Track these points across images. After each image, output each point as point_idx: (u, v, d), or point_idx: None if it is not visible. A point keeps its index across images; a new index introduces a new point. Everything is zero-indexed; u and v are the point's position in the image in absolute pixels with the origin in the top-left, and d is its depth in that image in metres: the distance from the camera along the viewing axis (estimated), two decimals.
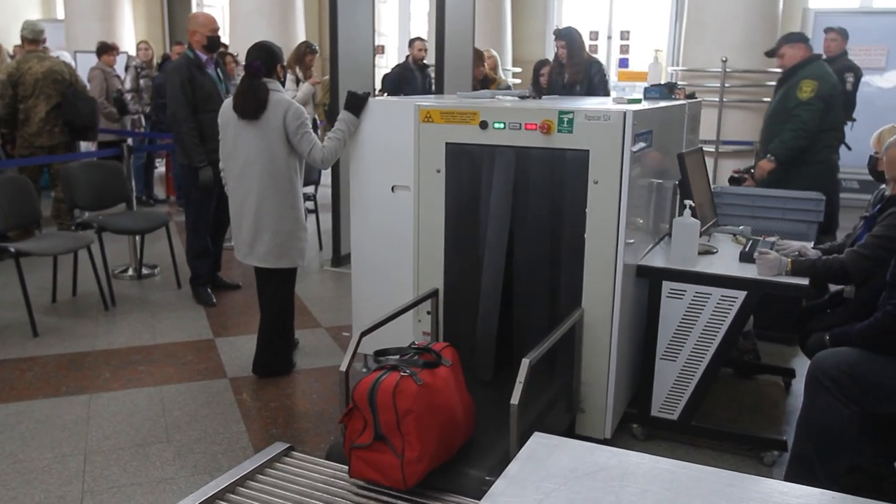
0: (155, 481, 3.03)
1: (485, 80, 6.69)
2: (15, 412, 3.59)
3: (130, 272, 5.83)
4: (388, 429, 2.13)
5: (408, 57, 7.90)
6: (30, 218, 5.08)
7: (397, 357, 2.43)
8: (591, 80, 5.90)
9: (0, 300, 5.04)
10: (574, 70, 5.93)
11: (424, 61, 7.79)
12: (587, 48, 6.12)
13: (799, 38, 5.05)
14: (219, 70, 5.17)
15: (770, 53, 5.24)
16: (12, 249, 4.58)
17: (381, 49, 11.80)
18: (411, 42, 7.99)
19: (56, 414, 3.58)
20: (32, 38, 6.49)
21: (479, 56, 6.65)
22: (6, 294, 5.08)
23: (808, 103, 4.74)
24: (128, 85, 8.43)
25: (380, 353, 2.41)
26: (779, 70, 8.15)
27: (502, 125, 3.03)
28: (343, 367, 2.61)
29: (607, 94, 5.94)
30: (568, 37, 5.99)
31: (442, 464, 2.31)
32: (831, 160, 5.08)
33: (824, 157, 4.97)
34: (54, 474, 3.07)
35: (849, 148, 6.98)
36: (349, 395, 2.40)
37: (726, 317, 3.12)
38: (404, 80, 7.63)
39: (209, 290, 5.28)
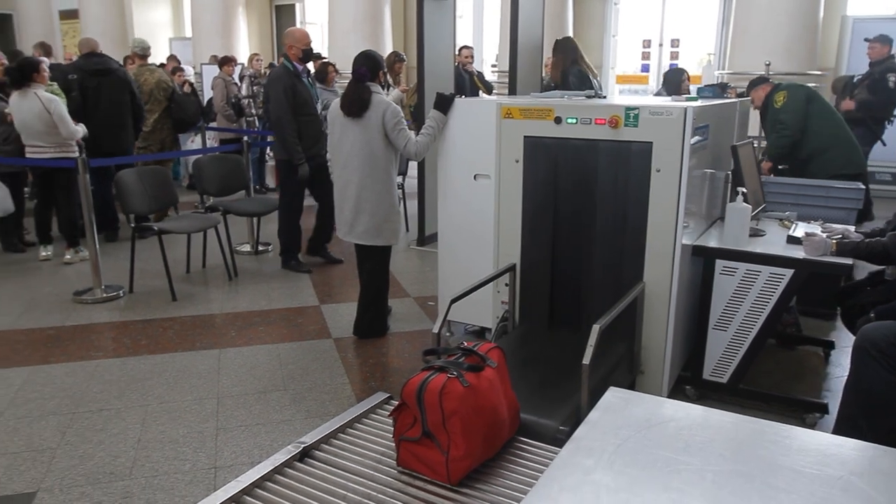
0: (275, 422, 3.12)
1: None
2: (160, 362, 3.75)
3: (248, 248, 5.99)
4: (434, 427, 1.96)
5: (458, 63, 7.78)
6: (168, 202, 5.27)
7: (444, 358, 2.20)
8: (566, 81, 5.84)
9: (146, 270, 5.24)
10: (556, 73, 5.94)
11: (471, 66, 7.73)
12: (579, 58, 5.95)
13: (761, 81, 5.07)
14: (309, 78, 5.23)
15: (744, 95, 5.14)
16: (156, 228, 4.77)
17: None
18: (459, 49, 7.87)
19: (193, 364, 3.72)
20: (143, 54, 6.94)
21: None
22: (150, 265, 5.29)
23: (783, 109, 4.59)
24: (243, 92, 8.62)
25: (428, 353, 2.26)
26: (819, 73, 7.92)
27: (575, 120, 2.99)
28: (435, 330, 2.63)
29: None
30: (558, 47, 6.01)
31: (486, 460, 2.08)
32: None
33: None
34: (194, 413, 3.19)
35: (884, 144, 6.67)
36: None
37: (774, 292, 3.02)
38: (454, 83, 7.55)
39: (299, 259, 5.40)
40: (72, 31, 14.41)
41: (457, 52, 7.58)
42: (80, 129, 5.42)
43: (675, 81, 6.28)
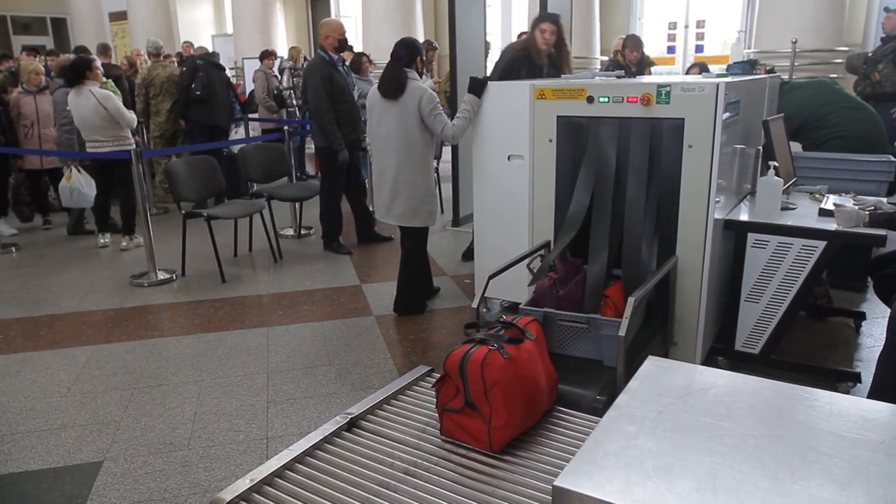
0: (322, 395, 3.14)
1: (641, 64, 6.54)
2: (213, 340, 3.80)
3: (291, 232, 6.03)
4: (476, 397, 1.95)
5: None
6: (216, 189, 5.30)
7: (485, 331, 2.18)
8: None
9: (197, 254, 5.30)
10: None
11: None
12: None
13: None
14: (344, 67, 5.21)
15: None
16: (205, 214, 4.81)
17: (488, 46, 11.61)
18: (520, 35, 7.77)
19: (243, 341, 3.76)
20: (155, 52, 7.32)
21: (636, 43, 6.64)
22: (200, 250, 5.35)
23: None
24: (284, 83, 8.64)
25: (469, 326, 2.24)
26: (846, 49, 7.63)
27: (607, 99, 2.92)
28: (474, 305, 2.61)
29: None
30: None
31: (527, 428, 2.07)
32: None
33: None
34: (245, 388, 3.23)
35: None
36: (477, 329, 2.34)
37: (806, 264, 2.93)
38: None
39: (340, 242, 5.43)
40: (121, 31, 14.61)
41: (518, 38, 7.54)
42: (134, 119, 5.61)
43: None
